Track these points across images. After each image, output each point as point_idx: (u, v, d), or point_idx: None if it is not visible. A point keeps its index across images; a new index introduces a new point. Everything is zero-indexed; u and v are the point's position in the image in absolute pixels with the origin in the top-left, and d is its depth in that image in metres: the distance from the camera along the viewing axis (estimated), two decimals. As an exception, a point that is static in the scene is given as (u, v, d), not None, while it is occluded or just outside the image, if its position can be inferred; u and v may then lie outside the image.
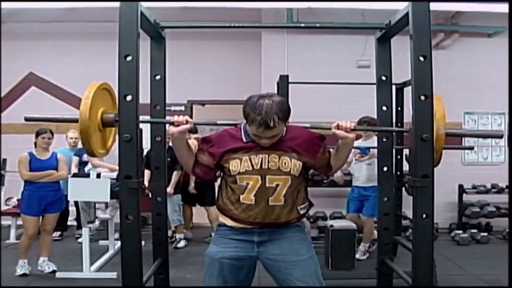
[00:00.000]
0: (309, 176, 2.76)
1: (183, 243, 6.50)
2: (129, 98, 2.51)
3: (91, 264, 5.18)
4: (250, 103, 2.42)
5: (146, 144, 2.92)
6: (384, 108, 3.46)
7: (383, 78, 3.45)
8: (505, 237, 6.99)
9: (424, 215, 2.57)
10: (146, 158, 5.31)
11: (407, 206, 5.61)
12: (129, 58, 2.53)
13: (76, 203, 6.52)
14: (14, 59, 7.84)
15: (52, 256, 5.31)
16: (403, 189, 5.87)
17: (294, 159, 2.54)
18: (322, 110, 7.37)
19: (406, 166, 5.71)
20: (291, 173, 2.53)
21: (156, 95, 3.25)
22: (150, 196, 3.36)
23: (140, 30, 2.62)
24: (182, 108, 8.05)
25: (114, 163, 4.50)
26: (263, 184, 2.50)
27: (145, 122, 3.30)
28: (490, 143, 7.83)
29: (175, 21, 3.87)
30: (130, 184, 2.49)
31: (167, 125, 2.73)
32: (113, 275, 5.00)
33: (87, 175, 5.37)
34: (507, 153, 7.70)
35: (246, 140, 2.55)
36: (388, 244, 3.52)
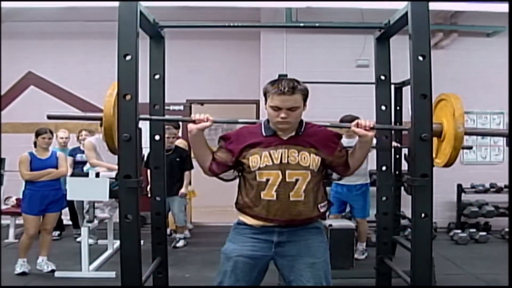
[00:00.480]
0: (327, 174, 2.75)
1: (182, 243, 6.51)
2: (128, 97, 2.51)
3: (90, 263, 5.18)
4: (270, 82, 2.54)
5: (145, 144, 2.91)
6: (383, 107, 3.46)
7: (382, 77, 3.45)
8: (503, 236, 7.00)
9: (423, 215, 2.57)
10: (147, 159, 5.32)
11: (406, 206, 5.64)
12: (128, 58, 2.53)
13: (70, 203, 6.48)
14: (13, 59, 7.83)
15: (51, 255, 5.31)
16: (402, 188, 5.87)
17: (313, 154, 2.55)
18: (321, 109, 7.36)
19: (404, 166, 5.72)
20: (310, 167, 2.54)
21: (155, 95, 3.25)
22: (149, 195, 3.36)
23: (139, 30, 2.62)
24: (181, 107, 8.07)
25: (113, 163, 4.50)
26: (284, 179, 2.51)
27: (166, 120, 3.31)
28: (489, 143, 7.83)
29: (174, 20, 3.87)
30: (129, 183, 2.49)
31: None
32: (112, 275, 5.00)
33: (86, 174, 5.37)
34: (506, 152, 7.71)
35: (266, 134, 2.58)
36: (387, 243, 3.53)
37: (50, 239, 5.31)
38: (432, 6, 2.66)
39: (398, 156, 5.64)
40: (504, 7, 6.19)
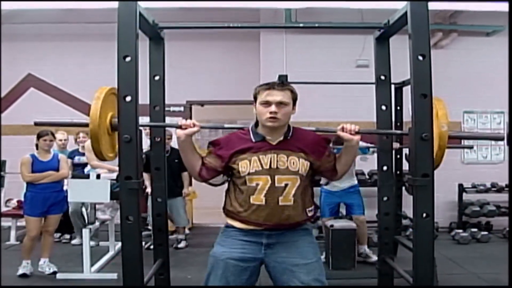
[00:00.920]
0: (315, 178, 2.77)
1: (184, 244, 6.51)
2: (128, 99, 2.51)
3: (92, 265, 5.18)
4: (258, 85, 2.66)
5: (145, 145, 2.91)
6: (383, 107, 3.46)
7: (382, 77, 3.45)
8: (505, 236, 6.99)
9: (424, 214, 2.57)
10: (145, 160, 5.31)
11: (407, 206, 5.63)
12: (128, 59, 2.53)
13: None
14: (13, 61, 7.83)
15: (52, 257, 5.31)
16: (403, 188, 5.87)
17: (302, 159, 2.57)
18: (321, 109, 7.39)
19: (405, 165, 5.72)
20: (299, 172, 2.56)
21: (155, 96, 3.25)
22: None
23: (139, 31, 2.62)
24: (181, 108, 8.07)
25: (113, 164, 4.50)
26: (273, 184, 2.53)
27: (153, 126, 3.30)
28: (490, 142, 7.83)
29: (174, 21, 3.87)
30: (130, 184, 2.49)
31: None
32: (113, 276, 5.00)
33: (87, 176, 5.37)
34: (507, 152, 7.71)
35: (255, 139, 2.60)
36: (388, 243, 3.52)
37: (52, 241, 5.31)
38: (431, 5, 2.66)
39: (398, 156, 5.64)
40: (503, 7, 6.20)
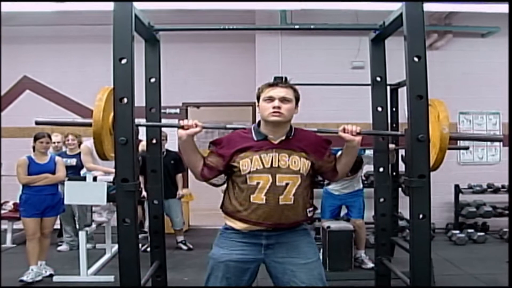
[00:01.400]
0: (315, 179, 2.79)
1: (186, 246, 6.55)
2: (124, 101, 2.51)
3: (89, 267, 5.16)
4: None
5: (142, 147, 2.90)
6: (379, 108, 3.46)
7: (378, 79, 3.46)
8: (502, 236, 7.00)
9: (421, 215, 2.57)
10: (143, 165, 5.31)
11: (403, 207, 5.65)
12: (124, 61, 2.52)
13: None
14: (8, 63, 7.79)
15: (49, 260, 5.29)
16: (399, 189, 5.87)
17: (303, 159, 2.58)
18: (317, 111, 7.38)
19: (402, 167, 5.73)
20: (301, 172, 2.57)
21: (151, 98, 3.25)
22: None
23: (134, 33, 2.62)
24: (177, 110, 8.06)
25: (109, 166, 4.49)
26: (274, 183, 2.52)
27: (155, 126, 3.30)
28: (486, 143, 7.84)
29: (169, 24, 3.87)
30: (126, 187, 2.48)
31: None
32: (110, 279, 4.99)
33: (83, 179, 5.36)
34: (503, 153, 7.72)
35: (257, 138, 2.61)
36: (385, 244, 3.53)
37: (48, 244, 5.28)
38: (426, 7, 2.67)
39: (395, 157, 5.65)
40: (498, 8, 6.22)
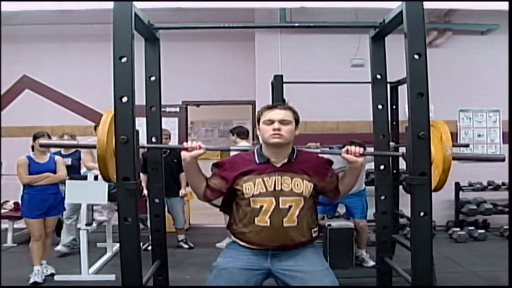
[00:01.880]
0: (318, 199, 2.83)
1: (187, 245, 6.57)
2: (125, 99, 2.50)
3: (90, 266, 5.17)
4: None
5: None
6: (379, 106, 3.46)
7: (378, 76, 3.45)
8: (502, 234, 7.01)
9: (422, 213, 2.57)
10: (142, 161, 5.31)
11: (404, 205, 5.64)
12: (124, 60, 2.52)
13: None
14: (8, 62, 7.79)
15: (50, 259, 5.30)
16: (400, 187, 5.87)
17: (306, 181, 2.61)
18: (317, 109, 7.40)
19: (402, 165, 5.73)
20: (303, 194, 2.60)
21: (151, 96, 3.24)
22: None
23: (134, 32, 2.61)
24: (177, 109, 8.06)
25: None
26: (277, 205, 2.56)
27: (161, 148, 3.32)
28: (486, 141, 7.85)
29: (169, 22, 3.86)
30: (127, 185, 2.48)
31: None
32: (111, 277, 5.00)
33: (84, 178, 5.36)
34: (503, 150, 7.72)
35: (259, 161, 2.64)
36: (386, 242, 3.52)
37: (50, 243, 5.29)
38: (426, 4, 2.67)
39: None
40: (498, 5, 6.22)
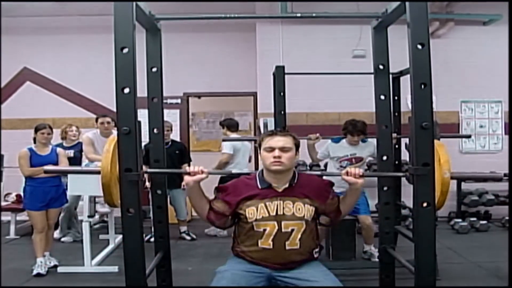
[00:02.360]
0: (319, 221, 2.93)
1: (189, 236, 6.60)
2: (126, 90, 2.49)
3: (92, 258, 5.19)
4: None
5: (145, 137, 2.89)
6: (382, 97, 3.44)
7: (381, 66, 3.43)
8: (504, 224, 7.02)
9: (425, 204, 2.56)
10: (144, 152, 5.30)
11: (406, 196, 5.63)
12: (125, 50, 2.50)
13: None
14: (9, 54, 7.78)
15: (53, 251, 5.31)
16: (402, 178, 5.85)
17: (307, 205, 2.72)
18: (319, 100, 7.40)
19: (404, 156, 5.73)
20: (305, 218, 2.71)
21: (153, 88, 3.23)
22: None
23: (135, 22, 2.60)
24: (179, 101, 8.05)
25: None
26: (280, 229, 2.67)
27: (167, 173, 3.34)
28: (488, 131, 7.85)
29: (170, 13, 3.85)
30: (130, 176, 2.47)
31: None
32: (114, 269, 5.02)
33: (86, 170, 5.36)
34: (505, 141, 7.72)
35: (261, 186, 2.75)
36: (389, 233, 3.51)
37: (52, 235, 5.31)
38: (429, -6, 2.65)
39: (397, 146, 5.63)
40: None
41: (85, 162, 6.15)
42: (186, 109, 8.29)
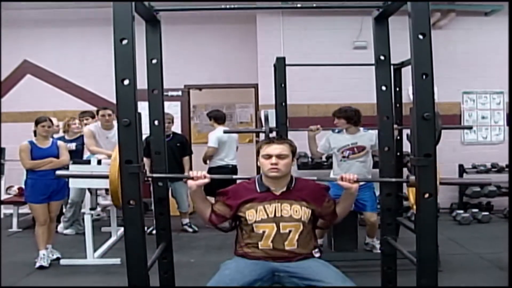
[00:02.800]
0: (317, 224, 3.08)
1: (192, 228, 6.62)
2: (126, 82, 2.48)
3: (95, 250, 5.20)
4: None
5: (145, 130, 2.88)
6: (383, 88, 3.42)
7: (382, 57, 3.41)
8: (506, 216, 7.02)
9: (427, 195, 2.55)
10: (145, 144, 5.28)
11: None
12: (125, 42, 2.49)
13: None
14: (9, 47, 7.76)
15: (55, 243, 5.32)
16: (404, 169, 5.85)
17: (304, 207, 2.88)
18: (319, 92, 7.38)
19: (406, 147, 5.71)
20: (302, 219, 2.86)
21: (153, 79, 3.21)
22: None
23: (135, 13, 2.58)
24: (179, 93, 8.03)
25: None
26: (278, 230, 2.83)
27: (166, 178, 3.33)
28: (489, 123, 7.83)
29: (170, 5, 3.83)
30: (130, 168, 2.47)
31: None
32: (117, 261, 5.03)
33: (88, 162, 5.36)
34: (507, 132, 7.70)
35: (260, 190, 2.92)
36: (391, 224, 3.50)
37: (54, 227, 5.32)
38: (430, -16, 2.63)
39: (399, 137, 5.61)
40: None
41: (86, 155, 6.15)
42: (187, 101, 8.26)
